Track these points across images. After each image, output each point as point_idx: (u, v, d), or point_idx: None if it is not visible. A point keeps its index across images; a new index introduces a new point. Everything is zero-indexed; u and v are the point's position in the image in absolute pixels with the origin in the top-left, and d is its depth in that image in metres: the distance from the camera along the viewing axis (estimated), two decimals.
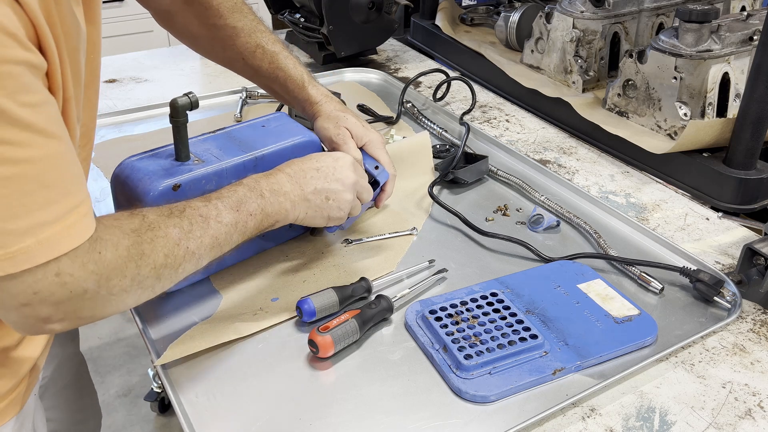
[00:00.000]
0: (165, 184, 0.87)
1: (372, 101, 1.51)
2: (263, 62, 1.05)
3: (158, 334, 0.89)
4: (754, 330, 0.92)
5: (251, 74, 1.07)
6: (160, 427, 2.15)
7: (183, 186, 0.88)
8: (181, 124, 0.89)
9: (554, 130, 1.44)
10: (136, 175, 0.89)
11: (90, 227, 0.64)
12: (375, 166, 1.01)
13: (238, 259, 0.98)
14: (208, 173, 0.90)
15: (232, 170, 0.92)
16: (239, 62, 1.06)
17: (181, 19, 1.05)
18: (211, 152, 0.93)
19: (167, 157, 0.91)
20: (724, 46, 1.22)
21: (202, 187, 0.89)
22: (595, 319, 0.90)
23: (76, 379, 1.11)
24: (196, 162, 0.91)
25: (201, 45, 1.09)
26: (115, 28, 1.16)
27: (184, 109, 0.88)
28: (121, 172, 0.91)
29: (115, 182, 0.92)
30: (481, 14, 1.88)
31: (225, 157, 0.93)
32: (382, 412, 0.79)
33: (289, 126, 1.02)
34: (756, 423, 0.78)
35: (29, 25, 0.58)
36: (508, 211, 1.15)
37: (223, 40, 1.05)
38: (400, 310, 0.93)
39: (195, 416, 0.78)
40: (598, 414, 0.79)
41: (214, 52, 1.08)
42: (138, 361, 2.36)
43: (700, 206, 1.18)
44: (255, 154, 0.94)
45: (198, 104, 0.88)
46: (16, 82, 0.56)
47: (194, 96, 0.88)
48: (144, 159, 0.91)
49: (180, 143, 0.90)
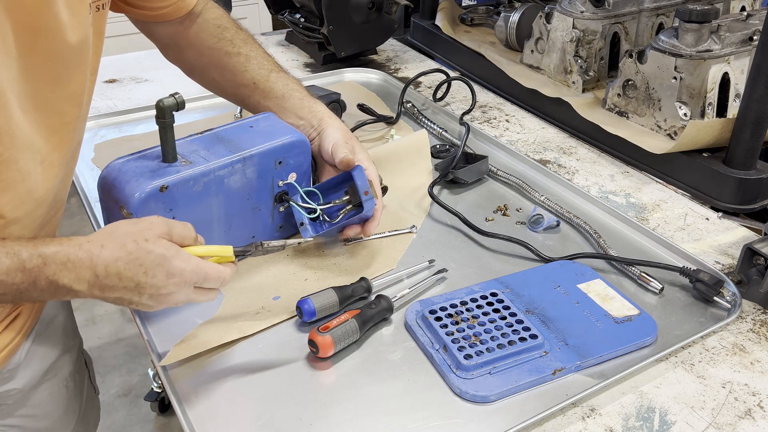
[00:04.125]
0: (152, 186, 0.86)
1: (372, 101, 1.51)
2: (277, 84, 1.07)
3: (158, 334, 0.89)
4: (754, 330, 0.92)
5: (262, 96, 1.08)
6: (160, 427, 2.15)
7: (170, 187, 0.87)
8: (168, 125, 0.88)
9: (554, 130, 1.44)
10: (123, 177, 0.87)
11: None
12: (365, 191, 0.97)
13: None
14: (195, 174, 0.89)
15: (219, 170, 0.91)
16: (249, 87, 1.08)
17: (189, 49, 1.09)
18: (199, 153, 0.92)
19: (155, 159, 0.90)
20: (724, 46, 1.22)
21: (189, 188, 0.89)
22: (595, 319, 0.90)
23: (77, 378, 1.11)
24: (183, 163, 0.90)
25: (209, 74, 1.11)
26: (115, 28, 1.15)
27: (170, 110, 0.87)
28: (108, 175, 0.89)
29: (102, 185, 0.90)
30: (481, 14, 1.88)
31: (212, 158, 0.92)
32: (382, 412, 0.79)
33: (278, 126, 1.01)
34: (756, 423, 0.78)
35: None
36: (508, 211, 1.15)
37: (235, 67, 1.08)
38: (400, 310, 0.93)
39: (195, 416, 0.78)
40: (598, 414, 0.79)
41: (223, 79, 1.10)
42: (138, 361, 2.36)
43: (700, 206, 1.18)
44: (243, 155, 0.94)
45: (184, 105, 0.87)
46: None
47: (180, 97, 0.87)
48: (131, 161, 0.90)
49: (167, 144, 0.89)
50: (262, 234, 1.01)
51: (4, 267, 0.70)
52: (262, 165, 0.95)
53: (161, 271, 0.75)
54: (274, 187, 0.99)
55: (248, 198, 0.96)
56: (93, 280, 0.73)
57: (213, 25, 1.08)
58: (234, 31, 1.09)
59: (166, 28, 1.07)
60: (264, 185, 0.97)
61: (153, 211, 0.86)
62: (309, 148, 1.01)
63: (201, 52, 1.09)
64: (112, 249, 0.73)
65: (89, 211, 1.14)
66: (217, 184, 0.92)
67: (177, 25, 1.07)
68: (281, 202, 1.00)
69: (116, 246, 0.74)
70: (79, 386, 1.08)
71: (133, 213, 0.85)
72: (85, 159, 1.29)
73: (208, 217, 0.93)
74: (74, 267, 0.72)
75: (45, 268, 0.71)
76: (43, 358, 0.98)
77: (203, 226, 0.92)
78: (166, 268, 0.75)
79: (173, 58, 1.13)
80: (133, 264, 0.74)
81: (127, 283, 0.74)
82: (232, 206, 0.95)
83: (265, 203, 0.99)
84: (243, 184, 0.95)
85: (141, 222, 0.78)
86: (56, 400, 1.02)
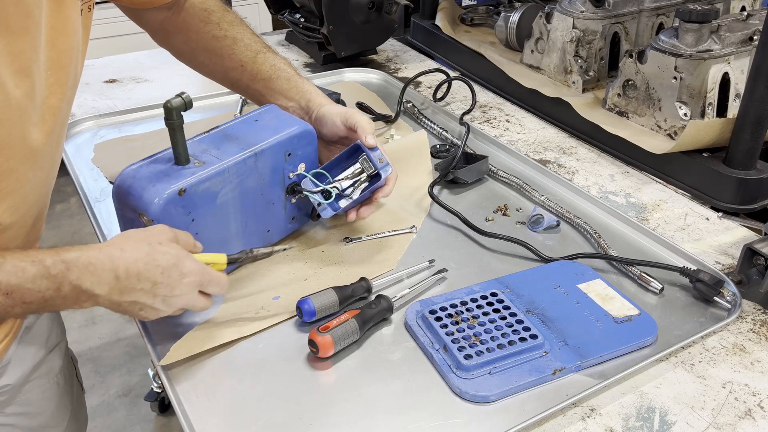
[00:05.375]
0: (170, 190, 0.84)
1: (372, 101, 1.51)
2: (264, 65, 1.06)
3: (158, 334, 0.89)
4: (754, 330, 0.92)
5: (250, 78, 1.07)
6: (160, 427, 2.15)
7: (188, 190, 0.86)
8: (177, 126, 0.86)
9: (554, 130, 1.44)
10: (138, 184, 0.86)
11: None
12: (380, 158, 0.99)
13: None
14: (212, 174, 0.88)
15: (234, 168, 0.91)
16: (237, 70, 1.07)
17: (178, 35, 1.08)
18: (210, 153, 0.91)
19: (167, 162, 0.89)
20: (724, 46, 1.22)
21: (206, 189, 0.88)
22: (595, 319, 0.90)
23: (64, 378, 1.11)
24: (197, 164, 0.89)
25: (198, 58, 1.11)
26: (115, 28, 1.15)
27: (179, 110, 0.85)
28: (122, 183, 0.87)
29: (117, 194, 0.87)
30: (481, 14, 1.88)
31: (225, 156, 0.91)
32: (382, 412, 0.79)
33: (283, 117, 1.00)
34: (756, 423, 0.78)
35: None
36: (508, 211, 1.15)
37: (222, 50, 1.07)
38: (400, 310, 0.93)
39: (195, 416, 0.78)
40: (598, 414, 0.79)
41: (212, 63, 1.09)
42: (138, 361, 2.36)
43: (700, 206, 1.18)
44: (254, 150, 0.93)
45: (192, 104, 0.86)
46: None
47: (188, 96, 0.85)
48: (143, 166, 0.88)
49: (179, 146, 0.87)
50: (276, 227, 1.00)
51: (30, 275, 0.71)
52: (273, 158, 0.95)
53: (176, 270, 0.78)
54: (285, 180, 0.98)
55: (262, 193, 0.96)
56: (113, 282, 0.75)
57: (200, 9, 1.08)
58: (221, 14, 1.09)
59: (155, 14, 1.07)
60: (276, 178, 0.97)
61: (173, 216, 0.85)
62: (315, 137, 1.01)
63: (189, 37, 1.08)
64: (131, 251, 0.76)
65: (89, 211, 1.14)
66: (233, 182, 0.91)
67: (165, 11, 1.07)
68: (293, 194, 1.00)
69: (134, 248, 0.76)
70: (69, 382, 1.09)
71: (154, 219, 0.83)
72: (85, 159, 1.29)
73: (225, 217, 0.92)
74: (96, 270, 0.74)
75: (68, 273, 0.72)
76: (32, 354, 0.98)
77: (221, 226, 0.92)
78: (180, 267, 0.78)
79: (162, 42, 1.13)
80: (152, 264, 0.76)
81: (145, 283, 0.76)
82: (247, 202, 0.94)
83: (278, 196, 0.99)
84: (256, 180, 0.94)
85: (152, 229, 0.81)
86: (48, 397, 1.02)
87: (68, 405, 1.08)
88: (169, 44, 1.12)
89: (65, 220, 3.13)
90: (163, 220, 0.84)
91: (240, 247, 0.94)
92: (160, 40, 1.13)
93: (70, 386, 1.09)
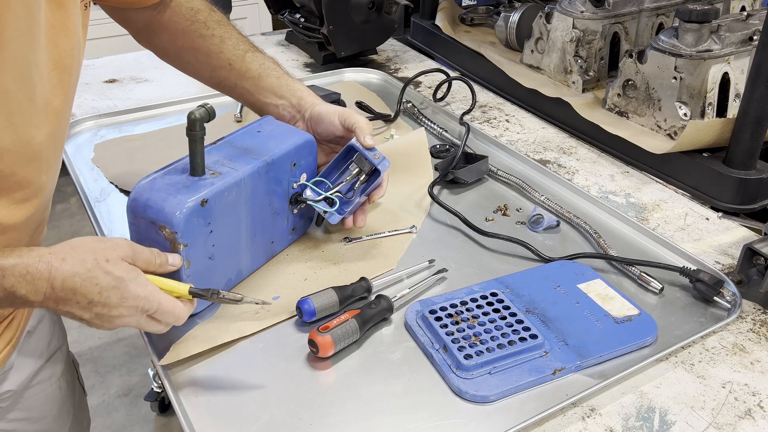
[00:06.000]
0: (193, 201, 0.83)
1: (372, 101, 1.51)
2: (253, 64, 1.06)
3: (158, 335, 0.88)
4: (754, 330, 0.92)
5: (238, 77, 1.07)
6: (160, 427, 2.15)
7: (210, 200, 0.85)
8: (198, 137, 0.84)
9: (554, 130, 1.44)
10: (157, 196, 0.83)
11: None
12: (375, 154, 0.99)
13: (252, 269, 0.98)
14: (230, 184, 0.87)
15: (249, 179, 0.90)
16: (225, 68, 1.06)
17: (163, 34, 1.07)
18: (223, 163, 0.90)
19: (182, 173, 0.87)
20: (724, 46, 1.22)
21: (225, 200, 0.87)
22: (595, 319, 0.90)
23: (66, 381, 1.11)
24: (213, 175, 0.87)
25: (184, 58, 1.10)
26: (115, 29, 1.14)
27: (202, 121, 0.83)
28: (139, 196, 0.84)
29: (133, 207, 0.85)
30: (481, 14, 1.88)
31: (239, 166, 0.90)
32: (382, 412, 0.79)
33: (283, 128, 1.01)
34: (756, 423, 0.78)
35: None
36: (508, 211, 1.15)
37: (209, 49, 1.06)
38: (400, 310, 0.93)
39: (195, 416, 0.78)
40: (598, 414, 0.79)
41: (198, 62, 1.08)
42: (138, 361, 2.36)
43: (700, 206, 1.18)
44: (266, 159, 0.92)
45: (215, 114, 0.84)
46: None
47: (211, 107, 0.84)
48: (158, 179, 0.86)
49: (198, 157, 0.86)
50: (279, 239, 1.00)
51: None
52: (281, 168, 0.95)
53: (116, 293, 0.74)
54: (289, 190, 0.98)
55: (269, 203, 0.96)
56: (49, 292, 0.72)
57: (186, 8, 1.07)
58: (207, 13, 1.08)
59: (141, 14, 1.06)
60: (281, 189, 0.97)
61: (194, 227, 0.84)
62: (316, 147, 1.01)
63: (175, 36, 1.07)
64: (72, 264, 0.73)
65: (89, 211, 1.14)
66: (246, 193, 0.90)
67: (151, 11, 1.06)
68: (296, 204, 1.00)
69: (76, 261, 0.73)
70: (70, 386, 1.08)
71: (178, 232, 0.82)
72: (85, 159, 1.29)
73: (236, 228, 0.91)
74: (33, 279, 0.72)
75: (3, 280, 0.71)
76: (34, 359, 0.98)
77: (234, 238, 0.91)
78: (121, 291, 0.74)
79: (146, 42, 1.11)
80: (90, 282, 0.73)
81: (81, 299, 0.73)
82: (257, 213, 0.94)
83: (282, 207, 0.99)
84: (266, 190, 0.94)
85: (107, 241, 0.78)
86: (50, 402, 1.02)
87: (70, 409, 1.08)
88: (153, 44, 1.11)
89: (65, 220, 3.13)
90: (186, 232, 0.82)
91: (248, 260, 0.94)
92: (144, 40, 1.11)
93: (71, 390, 1.09)
